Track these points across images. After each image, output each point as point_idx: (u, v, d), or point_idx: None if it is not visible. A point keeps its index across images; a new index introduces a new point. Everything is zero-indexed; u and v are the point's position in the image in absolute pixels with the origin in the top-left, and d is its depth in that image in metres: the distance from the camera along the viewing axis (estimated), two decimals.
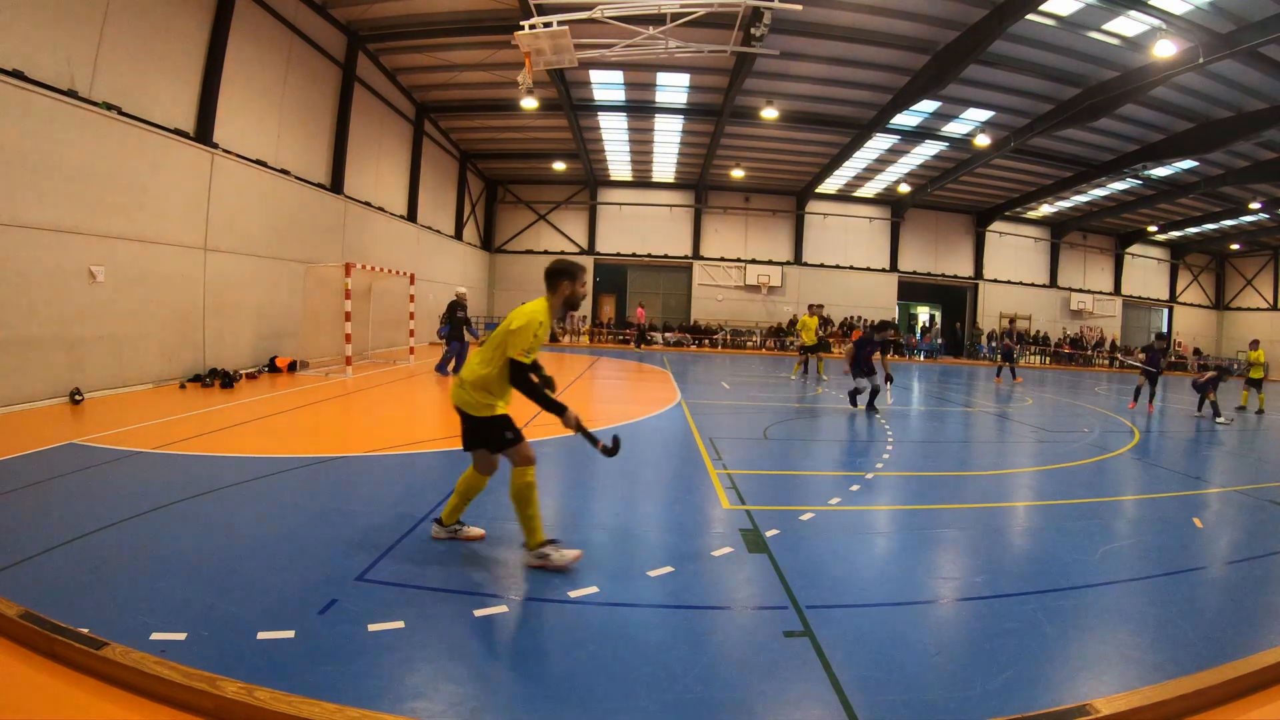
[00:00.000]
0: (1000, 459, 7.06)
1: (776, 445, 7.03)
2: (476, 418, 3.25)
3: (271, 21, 11.43)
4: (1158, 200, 22.76)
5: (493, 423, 3.24)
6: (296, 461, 5.14)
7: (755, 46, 11.21)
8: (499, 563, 3.39)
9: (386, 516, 3.95)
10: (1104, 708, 2.05)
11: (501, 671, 2.36)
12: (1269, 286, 28.90)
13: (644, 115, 18.84)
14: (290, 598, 2.82)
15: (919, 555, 3.80)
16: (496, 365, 3.17)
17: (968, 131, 18.34)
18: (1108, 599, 3.20)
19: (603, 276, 26.95)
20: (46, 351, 7.32)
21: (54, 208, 7.34)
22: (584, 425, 3.24)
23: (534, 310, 3.12)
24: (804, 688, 2.32)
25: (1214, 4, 11.09)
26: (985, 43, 12.28)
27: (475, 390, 3.22)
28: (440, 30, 13.93)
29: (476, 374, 3.21)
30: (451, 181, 22.45)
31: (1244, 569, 3.72)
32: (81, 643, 2.16)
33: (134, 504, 3.90)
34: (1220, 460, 7.52)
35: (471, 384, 3.23)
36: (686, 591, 3.11)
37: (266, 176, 11.46)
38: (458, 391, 3.28)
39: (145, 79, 8.89)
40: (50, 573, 2.95)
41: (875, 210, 27.08)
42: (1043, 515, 4.76)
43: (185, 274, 9.51)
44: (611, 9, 9.49)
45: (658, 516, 4.36)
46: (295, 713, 1.91)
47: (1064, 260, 28.70)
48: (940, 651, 2.60)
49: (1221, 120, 15.77)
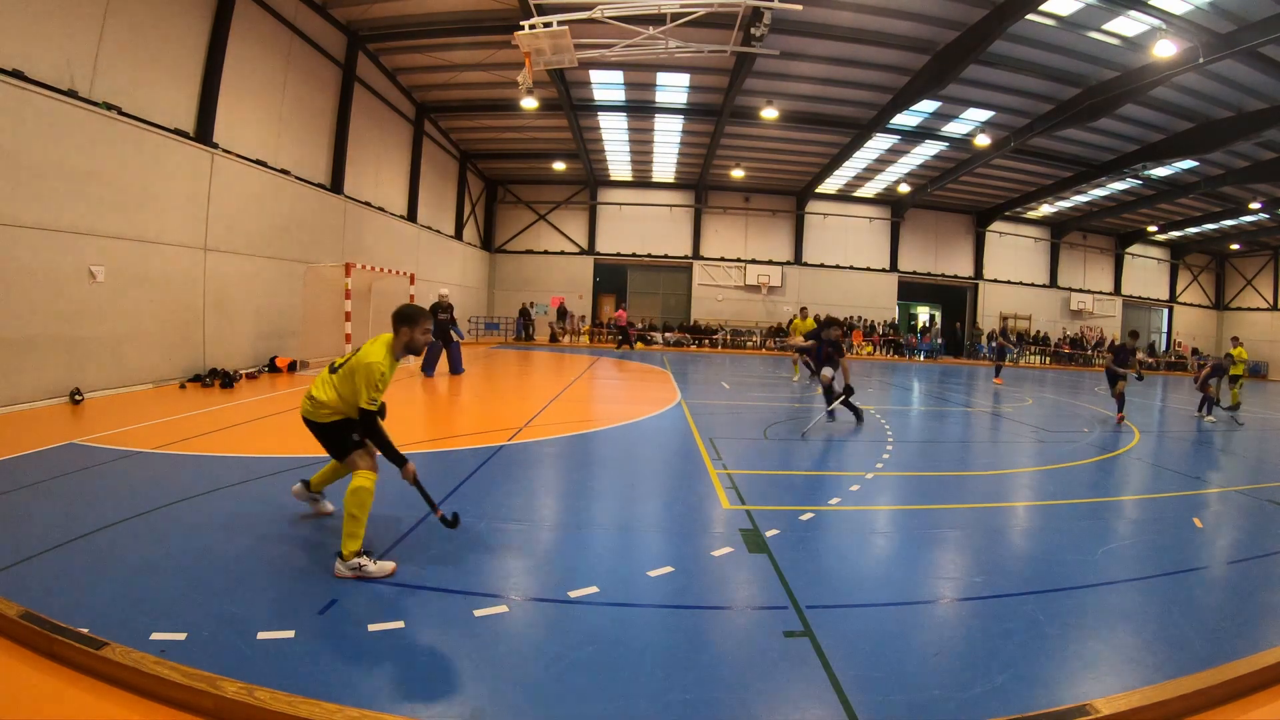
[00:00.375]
0: (1000, 459, 7.06)
1: (776, 445, 7.02)
2: (321, 424, 3.40)
3: (271, 21, 11.43)
4: (1158, 200, 22.77)
5: (337, 426, 3.38)
6: (296, 461, 5.14)
7: (755, 46, 11.21)
8: (499, 563, 3.39)
9: (387, 516, 3.95)
10: (1104, 708, 2.06)
11: (501, 671, 2.36)
12: (1269, 286, 28.91)
13: (644, 115, 18.85)
14: (290, 598, 2.82)
15: (919, 555, 3.80)
16: (345, 394, 3.33)
17: (968, 131, 18.35)
18: (1108, 599, 3.20)
19: (603, 276, 26.96)
20: (46, 351, 7.32)
21: (54, 208, 7.34)
22: (421, 484, 3.36)
23: (378, 361, 3.23)
24: (804, 688, 2.32)
25: (1214, 4, 11.09)
26: (985, 43, 12.28)
27: (319, 406, 3.37)
28: (440, 30, 13.94)
29: (327, 394, 3.35)
30: (451, 181, 22.45)
31: (1244, 569, 3.72)
32: (81, 643, 2.16)
33: (134, 504, 3.90)
34: (1220, 460, 7.52)
35: (317, 399, 3.37)
36: (686, 591, 3.11)
37: (266, 176, 11.46)
38: (305, 403, 3.43)
39: (145, 79, 8.89)
40: (50, 573, 2.95)
41: (875, 210, 27.08)
42: (1043, 515, 4.76)
43: (185, 274, 9.51)
44: (611, 9, 9.49)
45: (658, 516, 4.36)
46: (295, 713, 1.91)
47: (1064, 260, 28.71)
48: (940, 651, 2.60)
49: (1221, 120, 15.78)
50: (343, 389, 3.33)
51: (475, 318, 24.47)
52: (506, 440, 6.33)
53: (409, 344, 3.38)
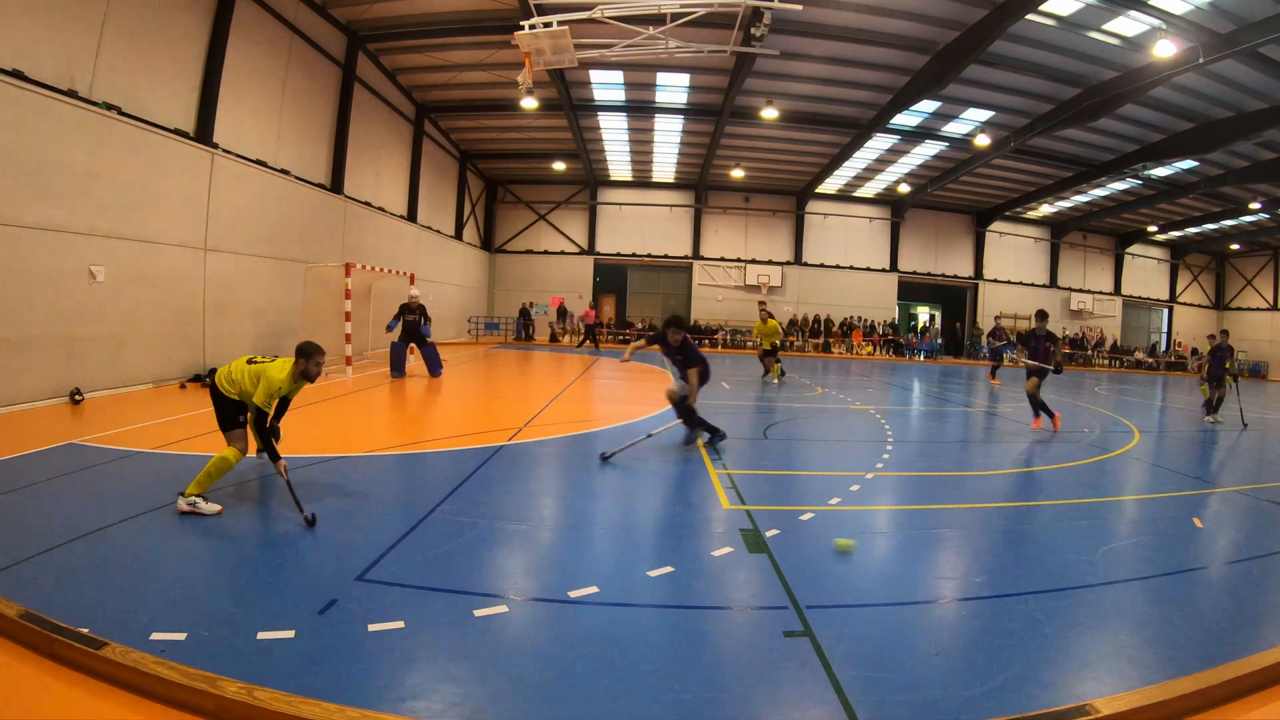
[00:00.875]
0: (999, 459, 7.06)
1: (776, 445, 7.02)
2: (224, 397, 4.14)
3: (271, 21, 11.43)
4: (1158, 200, 22.76)
5: (234, 404, 4.14)
6: (296, 461, 5.13)
7: (755, 46, 11.20)
8: (499, 563, 3.40)
9: (386, 516, 3.95)
10: (1104, 708, 2.05)
11: (501, 671, 2.36)
12: (1269, 286, 28.89)
13: (644, 115, 18.84)
14: (290, 598, 2.82)
15: (919, 555, 3.80)
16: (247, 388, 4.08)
17: (968, 131, 18.34)
18: (1108, 599, 3.20)
19: (603, 276, 26.95)
20: (46, 351, 7.32)
21: (54, 208, 7.34)
22: (292, 485, 3.88)
23: (279, 378, 4.01)
24: (804, 688, 2.32)
25: (1214, 4, 11.08)
26: (985, 43, 12.28)
27: (230, 384, 4.11)
28: (440, 30, 13.93)
29: (237, 378, 4.12)
30: (451, 181, 22.44)
31: (1244, 569, 3.72)
32: (81, 643, 2.16)
33: (134, 504, 3.90)
34: (1219, 460, 7.51)
35: (231, 378, 4.12)
36: (686, 591, 3.11)
37: (266, 176, 11.45)
38: (221, 375, 4.16)
39: (145, 79, 8.89)
40: (50, 573, 2.95)
41: (875, 210, 27.07)
42: (1043, 515, 4.76)
43: (185, 274, 9.51)
44: (611, 9, 9.49)
45: (658, 516, 4.36)
46: (295, 713, 1.91)
47: (1064, 260, 28.70)
48: (940, 651, 2.60)
49: (1221, 120, 15.77)
50: (247, 383, 4.07)
51: (475, 318, 24.47)
52: (506, 440, 6.33)
53: (304, 372, 4.10)
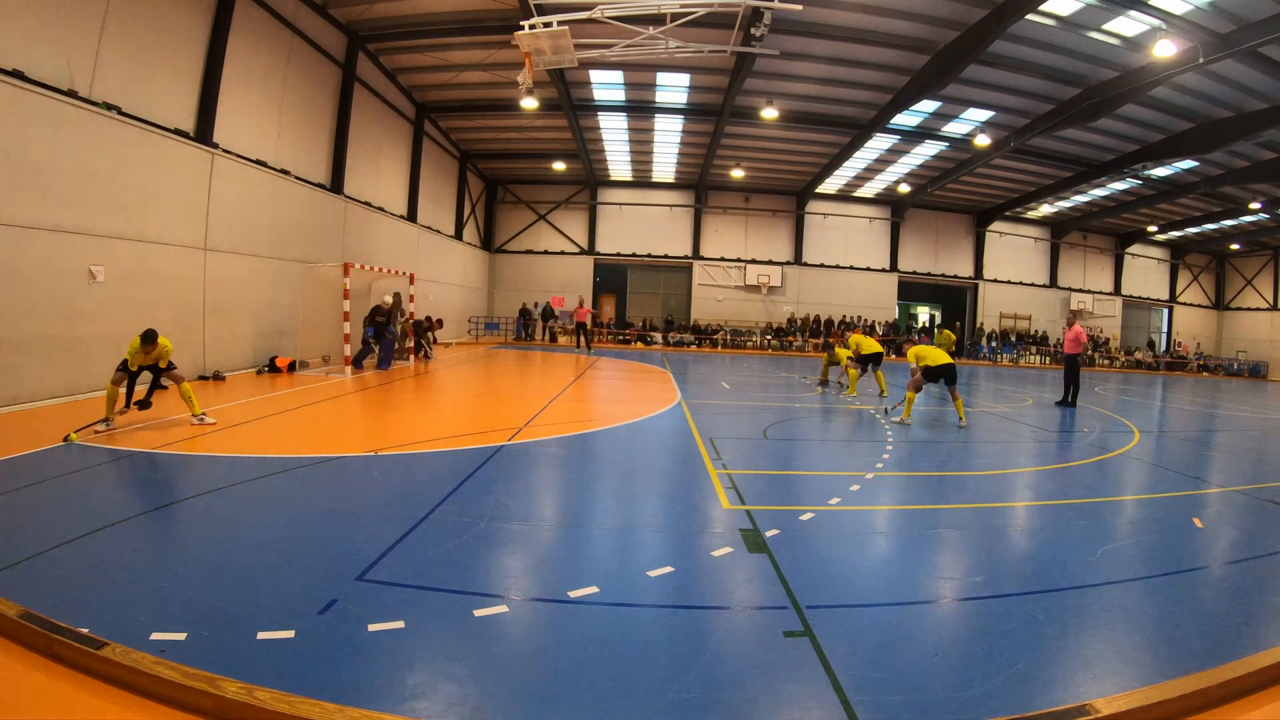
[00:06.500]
0: (999, 459, 7.06)
1: (776, 445, 7.02)
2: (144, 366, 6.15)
3: (271, 21, 11.43)
4: (1158, 200, 22.77)
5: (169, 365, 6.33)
6: (296, 461, 5.14)
7: (755, 46, 11.20)
8: (499, 563, 3.40)
9: (386, 516, 3.95)
10: (1104, 708, 2.05)
11: (501, 671, 2.36)
12: (1269, 286, 28.90)
13: (644, 115, 18.84)
14: (290, 598, 2.82)
15: (919, 555, 3.79)
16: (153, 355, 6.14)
17: (968, 131, 18.35)
18: (1108, 599, 3.20)
19: (603, 276, 26.95)
20: (46, 351, 7.32)
21: (54, 208, 7.34)
22: None
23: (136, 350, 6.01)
24: (804, 688, 2.32)
25: (1214, 4, 11.09)
26: (985, 43, 12.28)
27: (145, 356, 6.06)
28: (440, 30, 13.94)
29: (168, 348, 6.20)
30: (451, 181, 22.44)
31: (1244, 569, 3.72)
32: (81, 643, 2.16)
33: (134, 504, 3.90)
34: (1219, 460, 7.51)
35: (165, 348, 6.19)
36: (686, 591, 3.11)
37: (266, 176, 11.45)
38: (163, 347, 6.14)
39: (145, 79, 8.89)
40: (50, 573, 2.95)
41: (875, 210, 27.08)
42: (1043, 515, 4.76)
43: (185, 274, 9.51)
44: (611, 9, 9.48)
45: (658, 516, 4.35)
46: (295, 713, 1.91)
47: (1064, 260, 28.70)
48: (940, 652, 2.60)
49: (1221, 120, 15.78)
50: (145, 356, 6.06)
51: (475, 318, 24.48)
52: (506, 440, 6.33)
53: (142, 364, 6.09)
